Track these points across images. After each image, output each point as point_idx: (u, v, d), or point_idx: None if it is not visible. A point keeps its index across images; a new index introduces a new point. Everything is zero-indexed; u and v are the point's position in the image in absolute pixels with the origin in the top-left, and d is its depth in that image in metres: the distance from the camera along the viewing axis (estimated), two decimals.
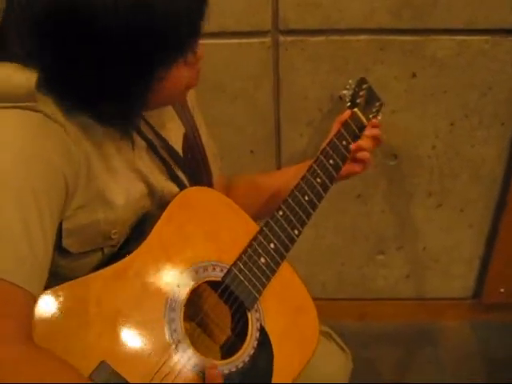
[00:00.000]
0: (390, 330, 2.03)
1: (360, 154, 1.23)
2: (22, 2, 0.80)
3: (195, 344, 0.93)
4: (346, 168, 1.23)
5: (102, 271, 0.89)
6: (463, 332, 2.03)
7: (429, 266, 1.96)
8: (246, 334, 1.00)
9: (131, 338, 0.87)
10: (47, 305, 0.81)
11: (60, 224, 0.85)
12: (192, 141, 1.13)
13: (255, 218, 1.11)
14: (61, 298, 0.82)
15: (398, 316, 2.04)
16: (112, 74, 0.83)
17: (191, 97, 1.16)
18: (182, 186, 1.04)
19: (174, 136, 1.09)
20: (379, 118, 1.38)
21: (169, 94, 0.93)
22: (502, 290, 1.96)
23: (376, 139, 1.28)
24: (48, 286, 0.82)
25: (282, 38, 1.54)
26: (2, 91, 0.81)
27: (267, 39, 1.54)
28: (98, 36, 0.79)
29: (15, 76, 0.81)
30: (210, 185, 1.15)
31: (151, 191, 0.99)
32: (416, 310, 2.05)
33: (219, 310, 1.01)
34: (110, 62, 0.81)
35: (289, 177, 1.24)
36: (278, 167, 1.75)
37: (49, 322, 0.80)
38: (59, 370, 0.76)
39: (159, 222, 0.95)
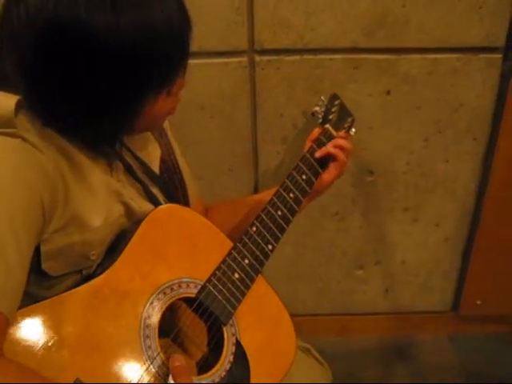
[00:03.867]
0: (369, 344, 2.04)
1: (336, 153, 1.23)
2: (21, 16, 0.79)
3: None
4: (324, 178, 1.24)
5: (77, 289, 0.88)
6: (442, 344, 2.04)
7: (407, 280, 1.98)
8: (222, 349, 1.00)
9: (106, 356, 0.86)
10: (22, 323, 0.81)
11: (38, 247, 0.85)
12: (168, 162, 1.15)
13: (233, 237, 1.10)
14: (36, 316, 0.82)
15: (377, 330, 2.06)
16: (103, 95, 0.84)
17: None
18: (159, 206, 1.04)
19: (151, 157, 1.10)
20: (353, 130, 1.40)
21: (150, 122, 0.96)
22: (478, 303, 1.98)
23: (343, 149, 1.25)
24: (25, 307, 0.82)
25: (257, 58, 1.57)
26: None
27: (244, 59, 1.57)
28: (96, 54, 0.79)
29: None
30: (186, 205, 1.16)
31: (129, 212, 1.00)
32: (395, 323, 2.06)
33: (194, 326, 1.01)
34: (104, 82, 0.82)
35: (265, 194, 1.25)
36: (256, 184, 1.77)
37: (24, 339, 0.80)
38: (28, 378, 0.75)
39: (133, 240, 0.94)
